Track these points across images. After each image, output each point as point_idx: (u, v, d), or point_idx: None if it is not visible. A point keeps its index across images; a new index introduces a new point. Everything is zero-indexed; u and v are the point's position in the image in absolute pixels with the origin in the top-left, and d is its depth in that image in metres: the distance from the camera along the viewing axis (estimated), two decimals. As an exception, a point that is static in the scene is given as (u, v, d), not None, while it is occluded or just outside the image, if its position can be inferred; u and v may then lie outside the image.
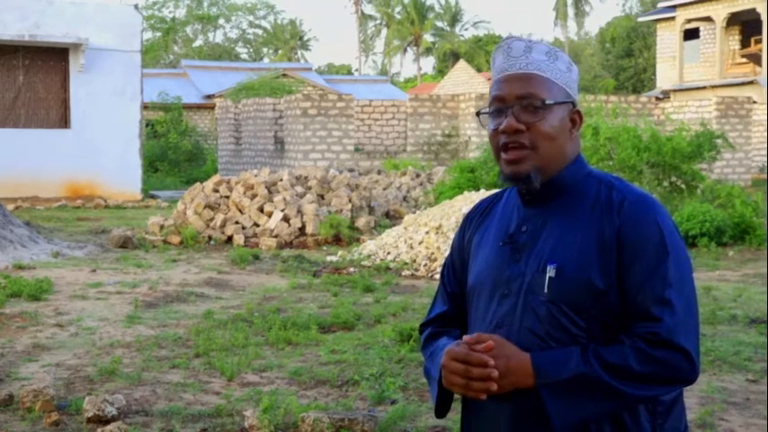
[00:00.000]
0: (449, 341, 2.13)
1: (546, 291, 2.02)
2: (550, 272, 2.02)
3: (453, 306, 2.28)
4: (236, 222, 14.34)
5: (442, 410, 2.18)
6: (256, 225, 14.34)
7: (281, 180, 15.31)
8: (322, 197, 15.43)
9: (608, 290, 1.99)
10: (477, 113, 2.20)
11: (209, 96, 38.89)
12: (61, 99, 22.81)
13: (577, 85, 2.18)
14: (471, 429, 2.17)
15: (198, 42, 70.21)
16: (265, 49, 75.54)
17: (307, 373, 6.40)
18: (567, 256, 2.02)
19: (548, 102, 2.06)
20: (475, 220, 2.28)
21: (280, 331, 7.52)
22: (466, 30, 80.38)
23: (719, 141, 16.87)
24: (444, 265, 2.35)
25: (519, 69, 2.09)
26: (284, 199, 14.49)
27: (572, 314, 2.00)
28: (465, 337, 2.04)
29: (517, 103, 2.07)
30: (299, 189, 15.21)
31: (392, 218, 16.49)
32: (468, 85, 42.94)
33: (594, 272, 2.00)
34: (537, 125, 2.05)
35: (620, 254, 2.00)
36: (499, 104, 2.10)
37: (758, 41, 36.38)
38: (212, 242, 13.98)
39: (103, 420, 5.17)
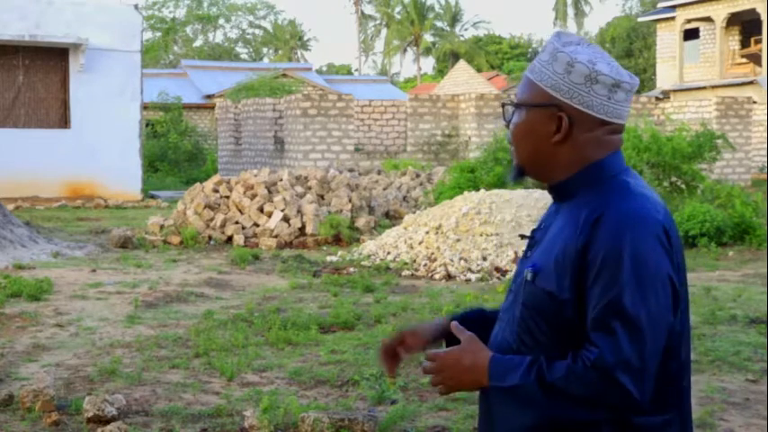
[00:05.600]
0: (463, 314, 2.33)
1: (522, 293, 2.05)
2: (528, 275, 2.03)
3: None
4: (236, 222, 14.34)
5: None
6: (256, 225, 14.34)
7: (281, 180, 15.30)
8: (322, 197, 15.43)
9: (567, 303, 1.95)
10: (503, 105, 2.29)
11: (209, 96, 38.87)
12: (61, 99, 22.81)
13: (586, 86, 2.00)
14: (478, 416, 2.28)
15: (198, 42, 70.22)
16: (265, 49, 75.53)
17: (307, 373, 6.40)
18: (545, 262, 2.02)
19: (516, 103, 2.11)
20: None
21: (280, 331, 7.52)
22: (466, 30, 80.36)
23: (720, 142, 16.86)
24: None
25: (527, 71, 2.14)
26: (284, 199, 14.49)
27: (538, 319, 2.00)
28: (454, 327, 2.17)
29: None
30: (299, 189, 15.21)
31: (392, 218, 16.49)
32: (468, 85, 42.89)
33: (561, 282, 1.96)
34: (511, 126, 2.13)
35: (584, 270, 1.94)
36: None
37: (758, 41, 36.37)
38: (212, 242, 13.98)
39: (103, 420, 5.17)
